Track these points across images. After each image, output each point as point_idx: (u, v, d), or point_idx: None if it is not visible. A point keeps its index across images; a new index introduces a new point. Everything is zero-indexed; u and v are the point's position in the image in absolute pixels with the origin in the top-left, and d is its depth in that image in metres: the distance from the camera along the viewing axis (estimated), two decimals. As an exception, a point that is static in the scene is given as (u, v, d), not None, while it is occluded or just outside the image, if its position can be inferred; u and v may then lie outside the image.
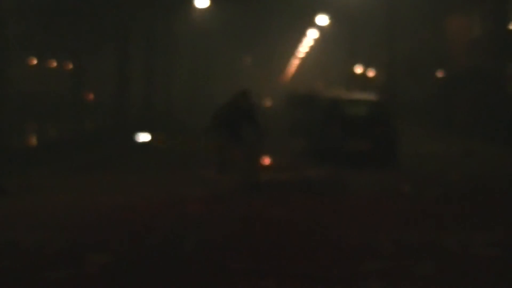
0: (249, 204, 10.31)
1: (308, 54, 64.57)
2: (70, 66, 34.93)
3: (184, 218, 9.11)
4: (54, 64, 38.60)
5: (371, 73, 37.75)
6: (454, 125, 24.74)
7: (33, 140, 24.36)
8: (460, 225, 8.60)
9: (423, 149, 19.38)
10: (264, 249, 7.08)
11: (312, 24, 45.88)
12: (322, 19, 41.23)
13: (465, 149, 18.74)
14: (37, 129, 27.30)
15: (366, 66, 38.31)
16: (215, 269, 6.14)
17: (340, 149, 15.34)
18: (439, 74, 30.25)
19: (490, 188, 12.64)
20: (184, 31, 37.44)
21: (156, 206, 9.99)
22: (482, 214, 9.63)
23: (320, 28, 45.83)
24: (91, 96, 37.33)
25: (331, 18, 39.78)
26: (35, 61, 38.92)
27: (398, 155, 15.62)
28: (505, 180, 13.82)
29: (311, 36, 51.02)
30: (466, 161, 17.05)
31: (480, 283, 5.85)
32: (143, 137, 20.34)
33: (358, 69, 38.64)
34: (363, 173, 13.92)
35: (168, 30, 33.53)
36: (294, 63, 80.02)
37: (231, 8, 38.02)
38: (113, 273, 5.99)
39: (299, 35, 54.85)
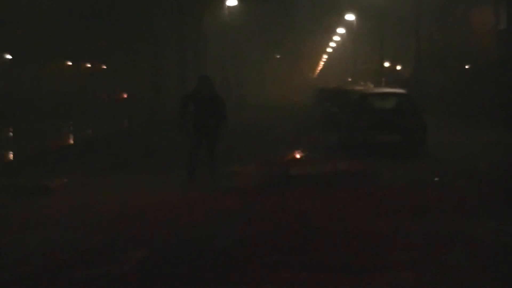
0: (281, 197, 10.19)
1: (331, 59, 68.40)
2: (103, 67, 36.72)
3: (217, 212, 9.02)
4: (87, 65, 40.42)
5: (398, 67, 38.28)
6: (481, 116, 24.92)
7: (71, 140, 24.84)
8: (490, 214, 8.52)
9: (452, 140, 19.17)
10: (296, 242, 7.06)
11: (342, 22, 48.18)
12: (351, 16, 42.83)
13: (492, 139, 18.60)
14: (75, 128, 28.06)
15: (394, 60, 38.92)
16: (248, 262, 6.11)
17: (370, 141, 15.54)
18: (467, 65, 30.57)
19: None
20: (215, 30, 38.45)
21: (190, 201, 10.00)
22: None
23: (348, 25, 47.77)
24: (124, 96, 38.71)
25: (359, 15, 40.88)
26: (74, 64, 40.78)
27: (426, 146, 15.80)
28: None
29: (343, 32, 54.32)
30: (494, 150, 16.72)
31: (510, 272, 5.91)
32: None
33: (386, 63, 38.61)
34: (393, 164, 13.83)
35: (199, 32, 34.32)
36: (325, 59, 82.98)
37: (261, 6, 40.26)
38: (150, 268, 6.01)
39: (330, 32, 58.94)
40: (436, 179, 12.01)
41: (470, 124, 24.07)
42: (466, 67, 31.53)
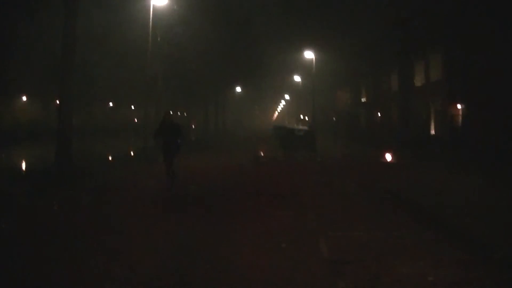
0: (254, 167, 23.09)
1: (282, 109, 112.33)
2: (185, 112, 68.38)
3: (226, 172, 20.13)
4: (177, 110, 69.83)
5: (305, 117, 76.90)
6: (340, 136, 58.02)
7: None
8: (339, 174, 19.59)
9: (326, 144, 39.49)
10: (262, 183, 16.66)
11: (284, 97, 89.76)
12: (287, 97, 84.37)
13: (344, 144, 42.95)
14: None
15: (304, 114, 77.75)
16: (240, 192, 14.99)
17: (293, 145, 33.19)
18: (334, 115, 67.87)
19: (353, 160, 27.35)
20: (230, 99, 73.79)
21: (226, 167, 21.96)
22: (349, 169, 21.32)
23: (287, 100, 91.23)
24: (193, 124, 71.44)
25: (290, 95, 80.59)
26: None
27: (317, 148, 32.87)
28: (359, 156, 30.01)
29: (283, 101, 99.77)
30: (346, 150, 35.03)
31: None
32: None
33: (301, 115, 77.32)
34: (302, 154, 30.21)
35: (224, 99, 68.14)
36: (277, 112, 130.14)
37: (253, 92, 75.57)
38: (207, 198, 14.03)
39: (278, 101, 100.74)
40: (318, 159, 27.73)
41: (338, 140, 46.50)
42: (334, 119, 68.07)
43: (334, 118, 67.21)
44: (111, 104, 69.72)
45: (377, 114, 50.02)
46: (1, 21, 30.32)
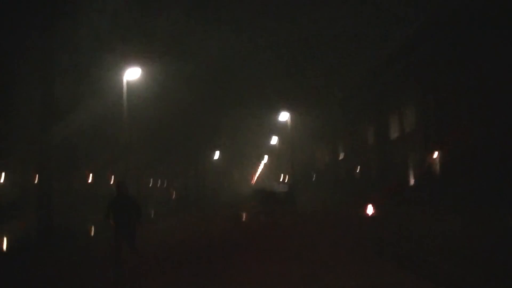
0: (249, 220, 28.93)
1: (261, 170, 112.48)
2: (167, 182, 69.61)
3: (222, 228, 22.83)
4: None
5: (285, 176, 77.35)
6: (320, 192, 59.78)
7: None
8: (315, 223, 23.87)
9: (306, 198, 45.90)
10: (252, 235, 19.44)
11: (262, 159, 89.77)
12: (266, 158, 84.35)
13: (325, 200, 45.79)
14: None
15: (284, 174, 78.17)
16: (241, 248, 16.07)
17: (274, 203, 36.12)
18: (313, 171, 68.37)
19: (333, 211, 32.43)
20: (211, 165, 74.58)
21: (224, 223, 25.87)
22: (327, 220, 25.99)
23: (264, 162, 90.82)
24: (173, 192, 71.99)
25: (268, 157, 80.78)
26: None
27: (296, 204, 36.59)
28: (338, 206, 35.75)
29: (262, 163, 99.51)
30: (329, 202, 40.79)
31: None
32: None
33: (281, 175, 77.70)
34: (283, 209, 33.50)
35: (202, 165, 69.07)
36: (257, 173, 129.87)
37: (229, 156, 76.39)
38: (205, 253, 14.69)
39: (257, 163, 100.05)
40: (298, 213, 31.60)
41: (318, 197, 51.94)
42: (314, 175, 68.68)
43: (313, 175, 67.83)
44: (90, 175, 69.41)
45: (356, 168, 50.50)
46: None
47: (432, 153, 30.52)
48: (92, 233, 25.45)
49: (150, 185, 69.67)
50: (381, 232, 17.10)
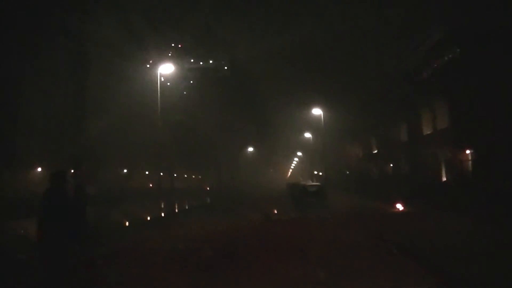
0: (271, 226, 21.45)
1: (295, 166, 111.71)
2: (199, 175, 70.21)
3: (244, 231, 19.40)
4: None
5: (319, 173, 77.21)
6: (352, 190, 59.00)
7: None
8: (345, 227, 18.93)
9: (338, 198, 40.29)
10: (275, 241, 15.82)
11: (297, 156, 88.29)
12: (299, 154, 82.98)
13: (357, 197, 44.63)
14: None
15: (317, 170, 77.99)
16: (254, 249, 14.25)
17: (306, 202, 33.98)
18: (346, 167, 68.10)
19: (360, 211, 28.31)
20: (244, 160, 75.02)
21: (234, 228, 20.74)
22: (358, 221, 20.80)
23: (299, 157, 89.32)
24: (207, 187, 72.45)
25: (303, 153, 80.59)
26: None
27: (327, 199, 34.04)
28: (364, 207, 31.62)
29: (296, 159, 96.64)
30: (357, 203, 35.95)
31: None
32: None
33: (315, 171, 77.52)
34: (314, 210, 29.69)
35: (237, 159, 69.38)
36: (290, 171, 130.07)
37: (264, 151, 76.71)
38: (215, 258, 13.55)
39: (292, 159, 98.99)
40: (329, 213, 26.59)
41: (349, 194, 49.70)
42: (347, 172, 68.54)
43: (347, 172, 67.65)
44: (125, 170, 70.63)
45: (388, 165, 50.19)
46: (10, 97, 31.11)
47: (464, 151, 30.24)
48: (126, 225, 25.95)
49: (185, 177, 70.77)
50: (407, 230, 17.03)
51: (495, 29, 27.26)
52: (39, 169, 62.33)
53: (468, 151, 30.23)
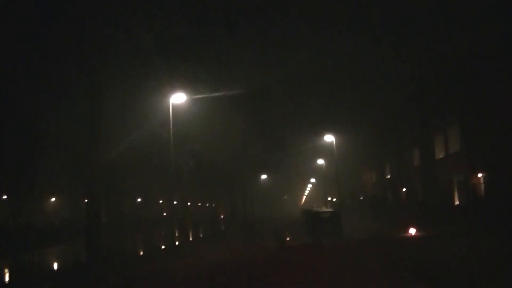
0: (280, 253, 21.59)
1: (309, 192, 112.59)
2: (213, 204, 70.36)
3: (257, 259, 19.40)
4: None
5: (333, 199, 77.07)
6: (367, 216, 59.05)
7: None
8: (357, 253, 19.13)
9: (353, 224, 39.95)
10: (286, 271, 15.23)
11: (310, 182, 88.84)
12: (313, 180, 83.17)
13: (371, 222, 44.72)
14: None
15: (331, 196, 77.97)
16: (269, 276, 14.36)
17: (320, 229, 32.50)
18: (360, 193, 67.99)
19: (373, 238, 27.98)
20: (259, 188, 75.30)
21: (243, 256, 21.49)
22: (370, 248, 20.76)
23: (314, 184, 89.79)
24: (222, 215, 72.91)
25: (317, 180, 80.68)
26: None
27: (341, 225, 32.99)
28: (377, 233, 31.42)
29: (309, 186, 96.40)
30: (369, 227, 38.52)
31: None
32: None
33: (329, 198, 77.59)
34: (329, 239, 28.35)
35: (251, 188, 69.82)
36: (304, 197, 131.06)
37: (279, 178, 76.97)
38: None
39: (305, 185, 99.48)
40: (345, 243, 25.03)
41: (363, 219, 48.96)
42: (361, 198, 68.41)
43: (361, 198, 67.53)
44: (139, 199, 70.98)
45: (402, 189, 50.09)
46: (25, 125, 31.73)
47: (476, 174, 30.25)
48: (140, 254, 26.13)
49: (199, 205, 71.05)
50: (419, 254, 17.10)
51: (505, 49, 27.36)
52: (53, 199, 62.96)
53: (480, 174, 30.22)
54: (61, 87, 28.58)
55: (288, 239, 33.77)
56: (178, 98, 29.86)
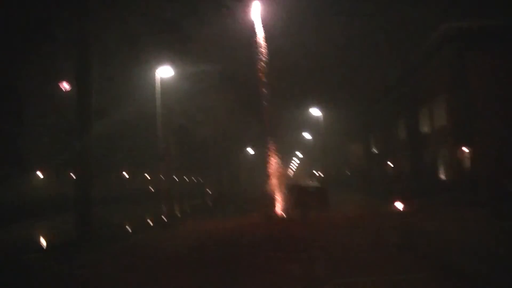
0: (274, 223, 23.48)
1: (296, 167, 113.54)
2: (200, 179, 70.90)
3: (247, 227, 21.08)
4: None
5: (319, 173, 77.49)
6: (353, 189, 59.20)
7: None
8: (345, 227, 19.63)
9: (339, 198, 39.02)
10: (276, 239, 16.52)
11: (296, 156, 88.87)
12: (300, 154, 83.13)
13: (358, 196, 44.68)
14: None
15: (316, 170, 78.33)
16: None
17: (306, 201, 31.24)
18: (346, 167, 68.46)
19: (363, 205, 33.62)
20: (245, 161, 75.32)
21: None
22: (357, 221, 21.76)
23: (300, 158, 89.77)
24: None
25: (303, 153, 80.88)
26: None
27: (327, 198, 31.48)
28: (363, 207, 32.42)
29: (296, 160, 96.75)
30: (355, 200, 39.06)
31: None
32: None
33: (314, 171, 77.89)
34: (314, 210, 28.05)
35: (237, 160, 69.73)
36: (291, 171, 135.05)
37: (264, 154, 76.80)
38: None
39: (291, 160, 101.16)
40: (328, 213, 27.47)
41: (349, 193, 48.89)
42: (348, 172, 68.79)
43: (348, 172, 68.00)
44: (126, 174, 70.79)
45: (388, 164, 50.53)
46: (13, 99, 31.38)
47: (461, 149, 30.58)
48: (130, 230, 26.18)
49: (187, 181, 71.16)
50: (406, 228, 17.43)
51: (492, 28, 27.58)
52: (38, 172, 62.40)
53: (465, 149, 30.56)
54: (48, 64, 28.25)
55: (275, 213, 33.95)
56: (165, 72, 29.87)
